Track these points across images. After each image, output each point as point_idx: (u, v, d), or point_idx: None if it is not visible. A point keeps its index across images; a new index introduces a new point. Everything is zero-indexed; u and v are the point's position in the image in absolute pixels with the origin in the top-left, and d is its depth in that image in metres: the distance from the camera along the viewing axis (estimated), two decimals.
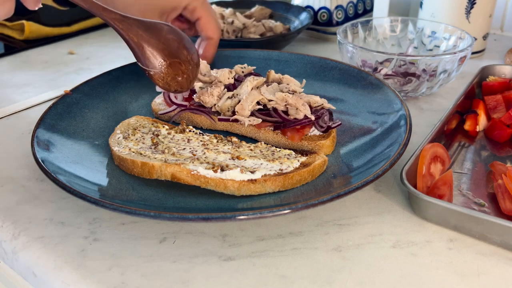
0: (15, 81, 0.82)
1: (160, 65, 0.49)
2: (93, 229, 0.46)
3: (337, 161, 0.53)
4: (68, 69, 0.87)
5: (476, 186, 0.52)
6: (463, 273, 0.41)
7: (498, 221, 0.41)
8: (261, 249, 0.43)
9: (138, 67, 0.71)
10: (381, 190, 0.51)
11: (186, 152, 0.51)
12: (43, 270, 0.43)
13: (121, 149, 0.51)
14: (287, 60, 0.74)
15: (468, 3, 0.82)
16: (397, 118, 0.56)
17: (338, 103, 0.64)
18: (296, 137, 0.55)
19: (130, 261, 0.42)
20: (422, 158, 0.49)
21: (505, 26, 1.02)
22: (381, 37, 0.83)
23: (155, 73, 0.49)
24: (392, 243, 0.44)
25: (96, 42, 1.01)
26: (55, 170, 0.47)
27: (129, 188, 0.48)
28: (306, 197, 0.46)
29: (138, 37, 0.48)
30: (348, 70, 0.69)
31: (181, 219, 0.40)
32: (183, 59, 0.50)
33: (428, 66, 0.68)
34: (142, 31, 0.48)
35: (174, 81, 0.51)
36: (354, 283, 0.40)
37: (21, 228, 0.47)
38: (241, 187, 0.46)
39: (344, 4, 0.97)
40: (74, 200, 0.50)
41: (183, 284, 0.40)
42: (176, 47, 0.50)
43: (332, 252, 0.43)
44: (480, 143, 0.60)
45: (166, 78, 0.50)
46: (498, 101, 0.63)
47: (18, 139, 0.63)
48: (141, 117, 0.59)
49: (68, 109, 0.60)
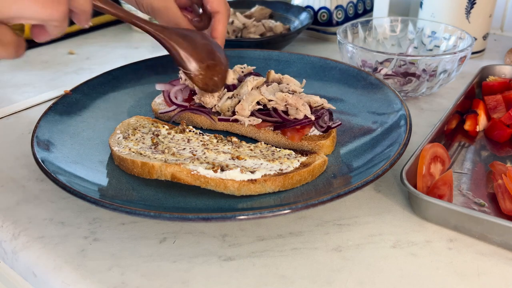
0: (15, 81, 0.82)
1: (199, 67, 0.54)
2: (93, 229, 0.46)
3: (337, 161, 0.53)
4: (68, 69, 0.87)
5: (476, 186, 0.52)
6: (463, 273, 0.41)
7: (498, 221, 0.41)
8: (261, 249, 0.43)
9: (138, 67, 0.72)
10: (381, 190, 0.51)
11: (186, 152, 0.51)
12: (43, 270, 0.43)
13: (121, 149, 0.51)
14: (287, 60, 0.74)
15: (468, 3, 0.82)
16: (397, 118, 0.56)
17: (338, 103, 0.64)
18: (296, 137, 0.55)
19: (130, 261, 0.42)
20: (422, 158, 0.49)
21: (505, 26, 1.02)
22: (381, 37, 0.83)
23: (195, 75, 0.54)
24: (392, 243, 0.44)
25: (96, 42, 1.01)
26: (55, 170, 0.47)
27: (129, 188, 0.48)
28: (306, 197, 0.46)
29: (178, 44, 0.53)
30: (348, 70, 0.69)
31: (181, 219, 0.40)
32: (217, 61, 0.56)
33: (428, 66, 0.68)
34: (181, 39, 0.53)
35: (211, 81, 0.56)
36: (354, 283, 0.40)
37: (21, 228, 0.47)
38: (241, 187, 0.46)
39: (344, 4, 0.97)
40: (74, 200, 0.50)
41: (183, 284, 0.40)
42: (210, 51, 0.55)
43: (332, 252, 0.43)
44: (480, 143, 0.60)
45: (205, 79, 0.55)
46: (498, 101, 0.63)
47: (18, 139, 0.63)
48: (141, 117, 0.59)
49: (68, 109, 0.60)
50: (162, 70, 0.73)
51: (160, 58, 0.74)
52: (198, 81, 0.55)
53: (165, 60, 0.74)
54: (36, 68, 0.87)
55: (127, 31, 1.08)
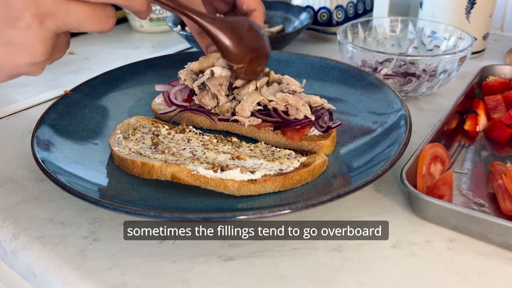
0: (15, 81, 0.81)
1: (244, 61, 0.54)
2: (93, 229, 0.46)
3: (337, 161, 0.53)
4: (68, 69, 0.87)
5: (476, 186, 0.52)
6: (463, 273, 0.41)
7: (498, 221, 0.41)
8: (261, 249, 0.43)
9: (138, 67, 0.72)
10: (381, 190, 0.51)
11: (186, 152, 0.51)
12: (43, 270, 0.43)
13: (121, 149, 0.51)
14: (287, 60, 0.74)
15: (468, 3, 0.82)
16: (397, 118, 0.56)
17: (338, 103, 0.64)
18: (296, 137, 0.55)
19: (130, 261, 0.42)
20: (422, 158, 0.49)
21: (505, 26, 1.02)
22: (381, 37, 0.83)
23: (238, 68, 0.54)
24: (392, 243, 0.44)
25: (96, 42, 1.01)
26: (55, 170, 0.47)
27: (129, 188, 0.48)
28: (306, 197, 0.46)
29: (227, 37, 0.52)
30: (348, 70, 0.69)
31: (181, 219, 0.40)
32: (260, 53, 0.55)
33: (428, 66, 0.68)
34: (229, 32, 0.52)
35: (253, 72, 0.56)
36: (354, 283, 0.40)
37: (21, 228, 0.47)
38: (241, 187, 0.46)
39: (344, 4, 0.97)
40: (74, 200, 0.50)
41: (183, 284, 0.40)
42: (256, 42, 0.54)
43: (332, 252, 0.43)
44: (480, 143, 0.60)
45: (247, 70, 0.55)
46: (498, 101, 0.63)
47: (18, 139, 0.63)
48: (141, 117, 0.59)
49: (68, 109, 0.60)
50: (162, 70, 0.72)
51: (160, 58, 0.74)
52: (240, 73, 0.55)
53: (165, 60, 0.74)
54: None
55: (127, 31, 1.08)
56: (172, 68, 0.71)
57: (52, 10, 0.37)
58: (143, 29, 1.06)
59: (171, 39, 1.02)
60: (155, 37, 1.04)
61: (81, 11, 0.38)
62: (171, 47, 0.97)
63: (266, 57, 0.56)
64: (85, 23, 0.39)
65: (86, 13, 0.38)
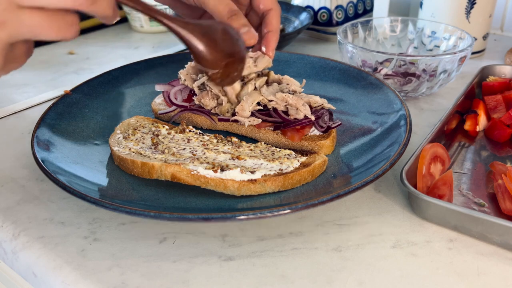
0: (15, 81, 0.82)
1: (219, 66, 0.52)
2: (93, 229, 0.46)
3: (337, 161, 0.53)
4: (68, 69, 0.87)
5: (476, 186, 0.52)
6: (463, 273, 0.41)
7: (498, 221, 0.41)
8: (261, 249, 0.43)
9: (138, 67, 0.72)
10: (381, 190, 0.51)
11: (186, 152, 0.51)
12: (43, 270, 0.43)
13: (121, 149, 0.51)
14: (287, 60, 0.74)
15: (468, 3, 0.82)
16: (397, 118, 0.56)
17: (338, 103, 0.64)
18: (296, 137, 0.55)
19: (130, 261, 0.42)
20: (422, 158, 0.49)
21: (505, 26, 1.02)
22: (381, 37, 0.83)
23: (213, 73, 0.52)
24: (392, 243, 0.44)
25: (96, 42, 1.01)
26: (55, 170, 0.47)
27: (129, 188, 0.48)
28: (306, 197, 0.46)
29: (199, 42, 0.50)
30: (348, 70, 0.69)
31: (181, 219, 0.40)
32: (236, 57, 0.53)
33: (428, 66, 0.68)
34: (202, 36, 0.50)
35: (229, 78, 0.54)
36: (354, 283, 0.40)
37: (21, 228, 0.47)
38: (241, 187, 0.46)
39: (344, 4, 0.97)
40: (74, 200, 0.50)
41: (183, 284, 0.40)
42: (231, 47, 0.52)
43: (332, 252, 0.43)
44: (480, 143, 0.60)
45: (223, 76, 0.53)
46: (498, 101, 0.63)
47: (18, 139, 0.63)
48: (141, 117, 0.59)
49: (68, 109, 0.60)
50: (162, 70, 0.72)
51: (160, 58, 0.74)
52: (216, 79, 0.54)
53: (165, 60, 0.74)
54: (36, 68, 0.87)
55: (127, 31, 1.08)
56: (172, 68, 0.71)
57: (2, 18, 0.34)
58: (143, 29, 1.06)
59: (171, 39, 1.02)
60: (155, 37, 1.04)
61: (35, 19, 0.35)
62: (171, 47, 0.97)
63: (242, 62, 0.54)
64: (41, 31, 0.36)
65: (42, 22, 0.35)
